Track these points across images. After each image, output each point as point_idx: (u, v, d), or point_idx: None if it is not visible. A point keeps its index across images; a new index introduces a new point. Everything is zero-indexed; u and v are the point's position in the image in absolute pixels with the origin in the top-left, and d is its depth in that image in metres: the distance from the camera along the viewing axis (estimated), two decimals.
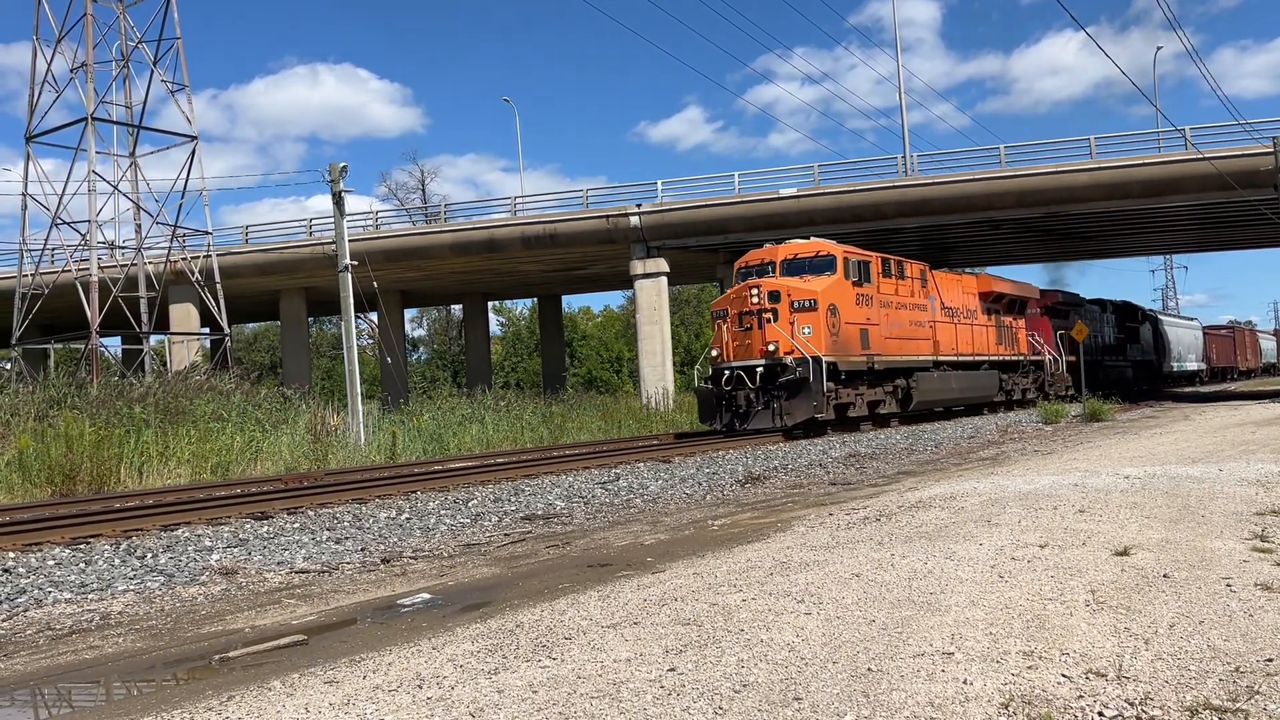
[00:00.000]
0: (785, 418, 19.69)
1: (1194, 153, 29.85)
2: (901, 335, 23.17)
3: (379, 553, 8.04)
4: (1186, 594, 4.80)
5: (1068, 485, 9.23)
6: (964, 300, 27.32)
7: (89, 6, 35.03)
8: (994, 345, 28.77)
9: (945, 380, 25.13)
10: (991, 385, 28.19)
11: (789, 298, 20.32)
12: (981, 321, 28.24)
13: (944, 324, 25.50)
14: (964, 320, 27.02)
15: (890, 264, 23.33)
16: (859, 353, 21.24)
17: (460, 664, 4.23)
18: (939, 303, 25.34)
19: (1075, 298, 37.29)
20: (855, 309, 21.35)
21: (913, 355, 23.64)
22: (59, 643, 5.45)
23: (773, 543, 7.11)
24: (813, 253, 21.57)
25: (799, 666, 3.89)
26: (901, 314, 23.33)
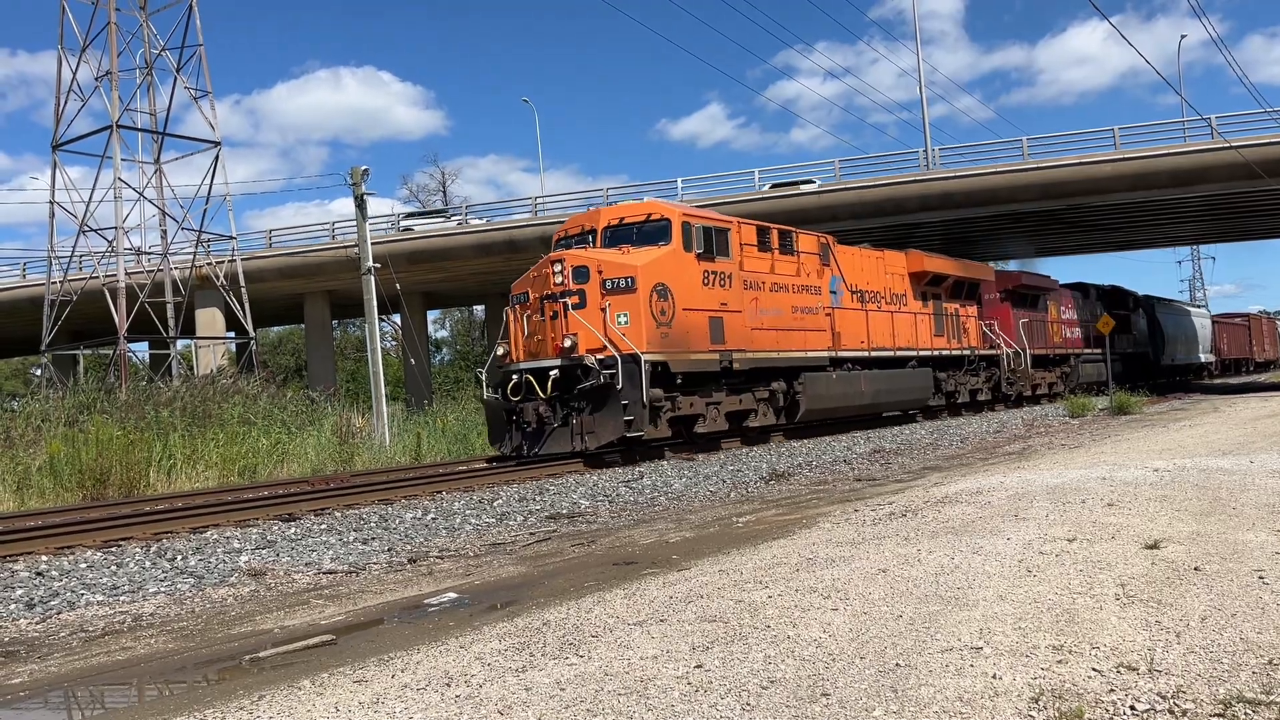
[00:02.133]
0: (586, 438, 14.64)
1: (1220, 141, 29.52)
2: (781, 325, 18.03)
3: (405, 553, 8.08)
4: (1218, 587, 4.75)
5: (1096, 479, 9.16)
6: (886, 282, 22.41)
7: (113, 15, 35.40)
8: (929, 337, 23.91)
9: (850, 382, 20.10)
10: (922, 386, 23.12)
11: (600, 275, 15.14)
12: (912, 308, 23.33)
13: (851, 311, 20.56)
14: (886, 307, 22.21)
15: (767, 234, 18.21)
16: (706, 348, 16.05)
17: (488, 662, 4.25)
18: (845, 285, 20.51)
19: (1045, 280, 32.76)
20: (701, 291, 16.11)
21: (799, 350, 18.43)
22: (92, 644, 5.51)
23: (798, 539, 7.09)
24: (642, 216, 16.33)
25: (826, 662, 3.88)
26: (781, 298, 18.09)
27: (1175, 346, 44.55)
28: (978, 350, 26.54)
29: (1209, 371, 53.50)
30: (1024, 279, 30.65)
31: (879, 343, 21.52)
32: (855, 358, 20.49)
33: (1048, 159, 32.05)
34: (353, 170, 22.90)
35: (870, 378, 20.80)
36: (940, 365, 24.33)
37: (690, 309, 15.88)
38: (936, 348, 24.18)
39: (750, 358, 17.12)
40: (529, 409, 14.98)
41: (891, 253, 23.18)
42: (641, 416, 14.64)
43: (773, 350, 17.73)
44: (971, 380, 26.10)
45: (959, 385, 25.44)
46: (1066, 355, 32.70)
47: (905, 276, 23.29)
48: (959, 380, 25.42)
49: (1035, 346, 29.58)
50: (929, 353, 23.73)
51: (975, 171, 32.64)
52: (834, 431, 20.00)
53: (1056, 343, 31.93)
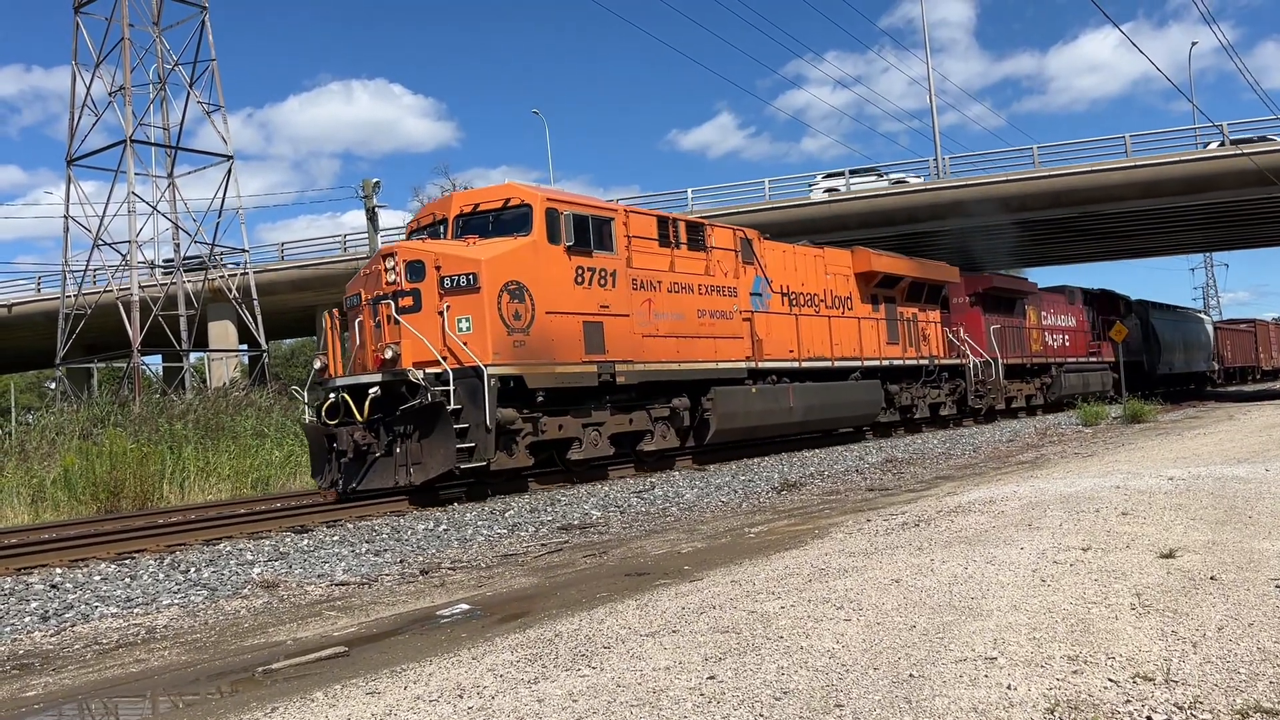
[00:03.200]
0: (413, 470, 12.12)
1: (1232, 148, 29.43)
2: (684, 332, 15.57)
3: (417, 564, 8.09)
4: (1234, 596, 4.72)
5: (1110, 487, 9.11)
6: (826, 284, 19.96)
7: (126, 31, 35.69)
8: (880, 345, 21.47)
9: (774, 397, 17.55)
10: (869, 400, 20.57)
11: (438, 272, 12.67)
12: (859, 313, 20.84)
13: (778, 316, 18.07)
14: (827, 311, 19.76)
15: (669, 226, 15.82)
16: (579, 359, 13.66)
17: (500, 674, 4.24)
18: (772, 286, 18.10)
19: (1022, 283, 30.71)
20: (572, 291, 13.70)
21: (707, 361, 15.96)
22: (106, 657, 5.53)
23: (811, 549, 7.07)
24: (498, 202, 13.77)
25: (840, 673, 3.87)
26: (683, 300, 15.70)
27: (1173, 354, 41.66)
28: (940, 359, 23.98)
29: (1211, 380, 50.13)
30: (995, 281, 27.97)
31: (815, 351, 19.05)
32: (782, 369, 17.92)
33: (1059, 167, 32.01)
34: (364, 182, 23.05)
35: (802, 391, 18.18)
36: (893, 376, 21.91)
37: (556, 312, 13.37)
38: (888, 357, 21.64)
39: (640, 370, 14.62)
40: (344, 435, 12.46)
41: (834, 250, 20.79)
42: (485, 442, 12.14)
43: (672, 361, 15.26)
44: (932, 393, 23.56)
45: (916, 399, 22.90)
46: (1047, 364, 30.18)
47: (851, 277, 20.83)
48: (916, 393, 22.86)
49: (1010, 355, 27.25)
50: (877, 362, 21.08)
51: (986, 180, 32.62)
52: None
53: (1035, 350, 29.65)
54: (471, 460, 12.14)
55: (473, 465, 12.21)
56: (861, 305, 21.00)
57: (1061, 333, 31.85)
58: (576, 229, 13.78)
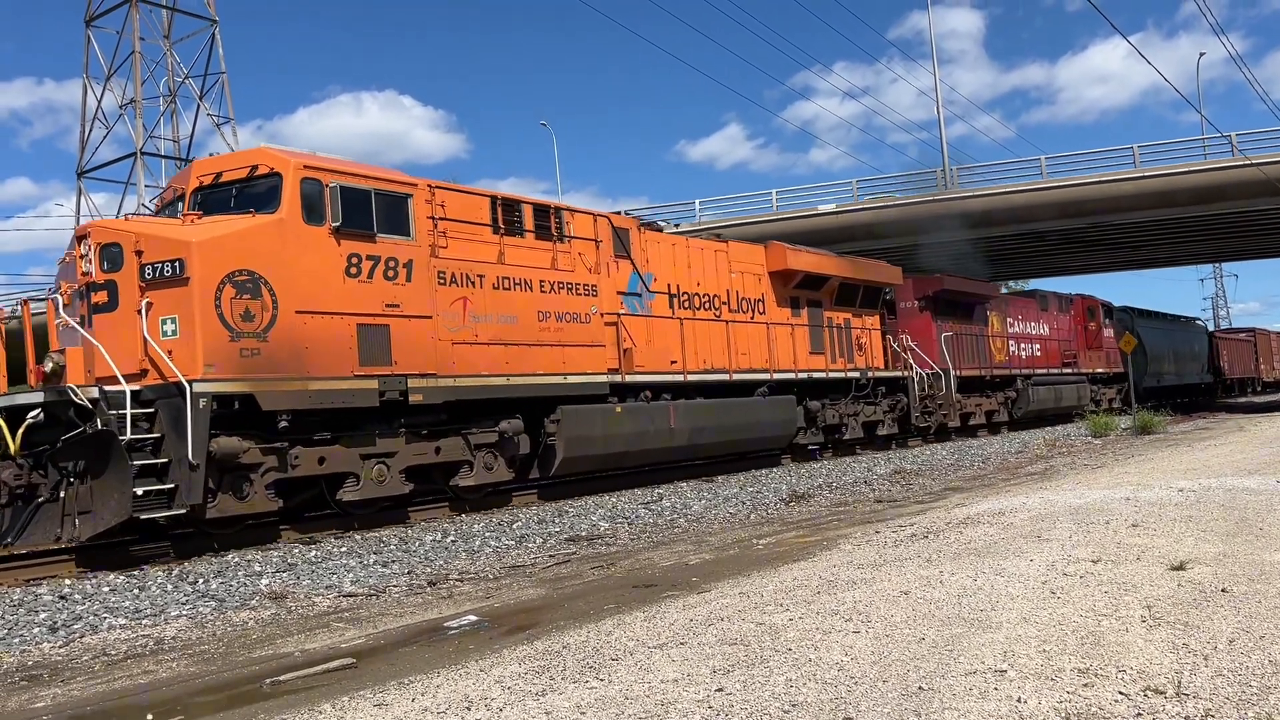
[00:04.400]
0: (79, 520, 9.10)
1: (1241, 159, 29.37)
2: (518, 338, 12.73)
3: (425, 575, 8.09)
4: (1246, 608, 4.69)
5: (1119, 499, 9.07)
6: (730, 283, 17.16)
7: (137, 44, 35.99)
8: (799, 355, 18.45)
9: (647, 417, 14.71)
10: (781, 419, 17.60)
11: (139, 259, 9.88)
12: (773, 317, 18.01)
13: (659, 320, 15.35)
14: (730, 315, 16.92)
15: (503, 209, 12.96)
16: (350, 372, 10.76)
17: (508, 686, 4.24)
18: (652, 284, 15.44)
19: (983, 286, 27.22)
20: (341, 285, 10.75)
21: (550, 374, 13.18)
22: (114, 668, 5.53)
23: (819, 561, 7.05)
24: (245, 169, 10.98)
25: (849, 686, 3.85)
26: (517, 300, 12.81)
27: (1161, 365, 38.46)
28: (879, 371, 21.00)
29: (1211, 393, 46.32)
30: (947, 283, 24.72)
31: (712, 362, 16.29)
32: (661, 383, 15.17)
33: (1067, 177, 31.99)
34: None
35: (688, 410, 15.42)
36: (816, 391, 18.98)
37: (314, 312, 10.51)
38: (810, 369, 18.70)
39: (448, 386, 11.72)
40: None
41: (741, 245, 18.24)
42: (191, 482, 9.36)
43: (497, 374, 12.39)
44: (866, 410, 20.58)
45: (846, 416, 19.86)
46: (1011, 377, 27.27)
47: (764, 277, 18.02)
48: (846, 410, 19.84)
49: (966, 366, 24.54)
50: (792, 375, 18.07)
51: (993, 190, 32.59)
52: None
53: (999, 361, 26.71)
54: (173, 506, 9.34)
55: (169, 514, 9.40)
56: (778, 309, 18.22)
57: (1031, 341, 29.00)
58: (348, 206, 10.84)
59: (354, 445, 10.99)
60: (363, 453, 11.06)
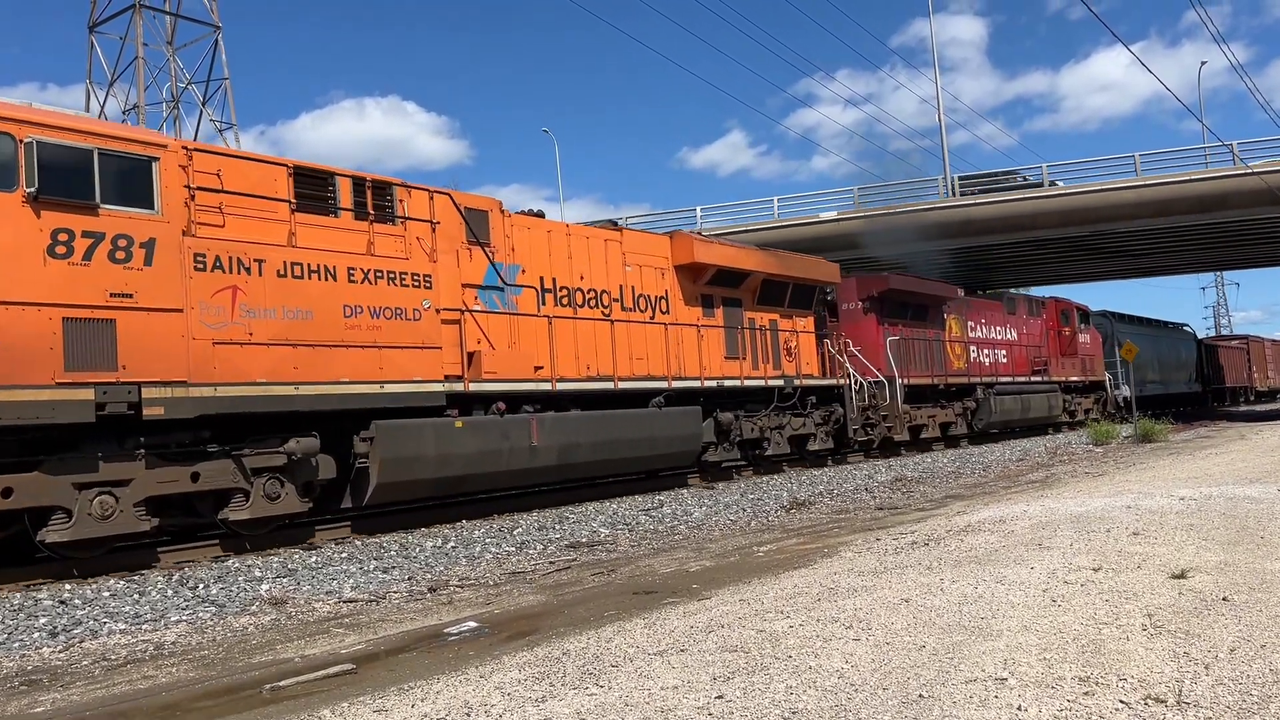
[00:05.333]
0: None
1: (1242, 168, 29.39)
2: (312, 338, 10.55)
3: (426, 581, 8.08)
4: (1247, 617, 4.69)
5: (1120, 507, 9.07)
6: (624, 278, 15.22)
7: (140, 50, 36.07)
8: (710, 360, 16.42)
9: (498, 433, 12.40)
10: (682, 433, 15.37)
11: None
12: (680, 317, 16.07)
13: (524, 319, 13.32)
14: (623, 313, 15.03)
15: (309, 180, 10.98)
16: (48, 378, 8.63)
17: (508, 692, 4.23)
18: (518, 277, 13.39)
19: (939, 287, 25.04)
20: (39, 268, 8.70)
21: (361, 381, 10.97)
22: (114, 673, 5.53)
23: (820, 568, 7.05)
24: None
25: (849, 693, 3.85)
26: (312, 290, 10.60)
27: (1145, 373, 36.15)
28: (812, 379, 18.75)
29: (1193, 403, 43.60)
30: (894, 283, 22.58)
31: (597, 368, 14.29)
32: (521, 392, 12.92)
33: (1068, 186, 32.00)
34: None
35: (558, 425, 13.20)
36: (730, 401, 16.84)
37: None
38: (723, 375, 16.64)
39: (203, 397, 9.61)
40: None
41: (639, 235, 16.33)
42: None
43: (282, 381, 10.16)
44: (794, 422, 18.25)
45: (767, 430, 17.56)
46: (971, 386, 25.09)
47: (668, 271, 16.07)
48: (767, 423, 17.55)
49: (917, 373, 22.49)
50: (697, 383, 15.96)
51: (995, 199, 32.60)
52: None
53: (957, 368, 24.62)
54: None
55: None
56: (686, 308, 16.26)
57: (996, 347, 26.93)
58: (55, 167, 8.82)
59: (62, 471, 8.78)
60: (78, 480, 8.86)
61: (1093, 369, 32.74)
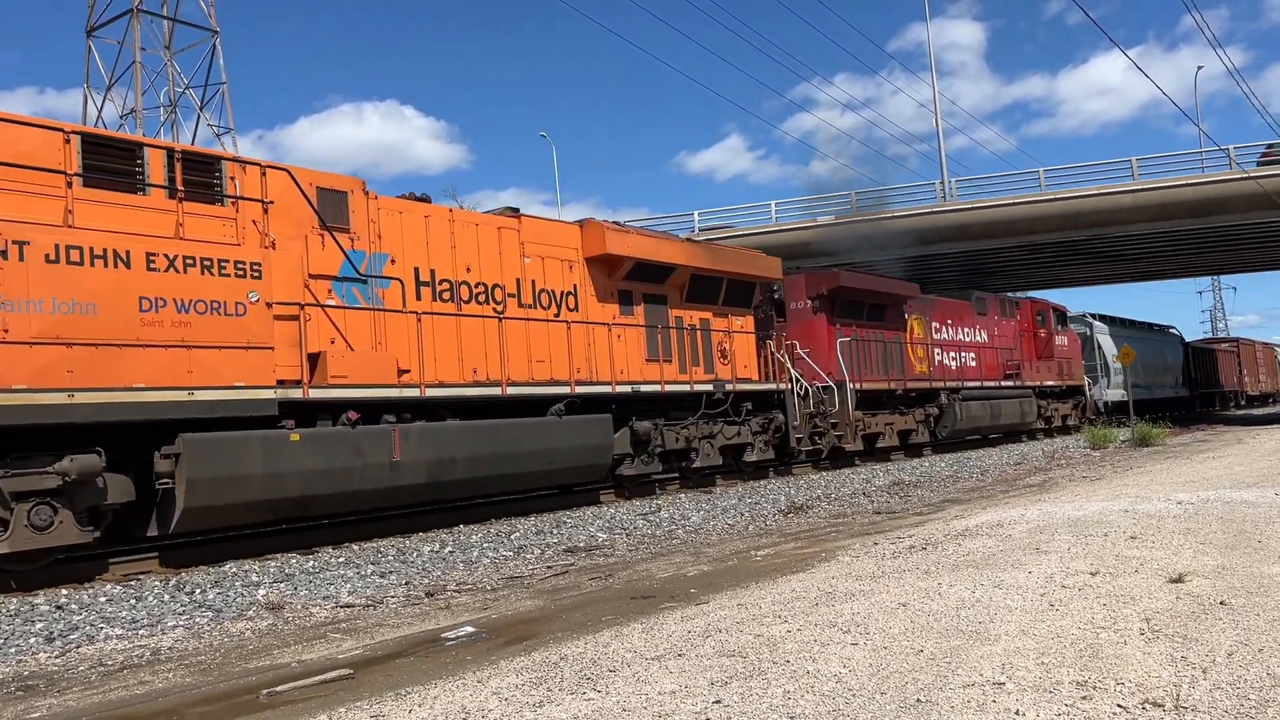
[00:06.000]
0: None
1: (1239, 172, 29.45)
2: (94, 336, 8.93)
3: (423, 586, 8.07)
4: (1245, 621, 4.69)
5: (1118, 511, 9.07)
6: (519, 270, 13.54)
7: (138, 55, 36.08)
8: (626, 362, 14.87)
9: (348, 448, 10.74)
10: (584, 445, 13.64)
11: None
12: (592, 315, 14.53)
13: (392, 316, 11.74)
14: (520, 310, 13.41)
15: (78, 146, 9.32)
16: None
17: (505, 697, 4.23)
18: (372, 266, 11.68)
19: (898, 285, 23.28)
20: None
21: (166, 388, 9.32)
22: (110, 678, 5.52)
23: (817, 573, 7.04)
24: None
25: (846, 698, 3.85)
26: (95, 280, 8.98)
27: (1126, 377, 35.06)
28: (742, 383, 17.01)
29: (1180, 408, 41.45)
30: (844, 280, 20.81)
31: (486, 372, 12.68)
32: (383, 400, 11.22)
33: (1066, 190, 32.05)
34: None
35: (425, 437, 11.46)
36: (654, 408, 15.29)
37: None
38: (645, 379, 15.11)
39: None
40: None
41: (541, 223, 14.46)
42: None
43: (52, 388, 8.56)
44: (728, 431, 16.61)
45: (695, 440, 15.87)
46: (934, 391, 23.35)
47: (578, 264, 14.49)
48: (695, 431, 15.90)
49: (872, 377, 20.91)
50: (608, 388, 14.30)
51: (992, 203, 32.65)
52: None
53: (919, 372, 23.06)
54: None
55: None
56: (600, 305, 14.74)
57: (964, 350, 25.32)
58: None
59: None
60: None
61: (1070, 373, 31.38)
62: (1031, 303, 30.41)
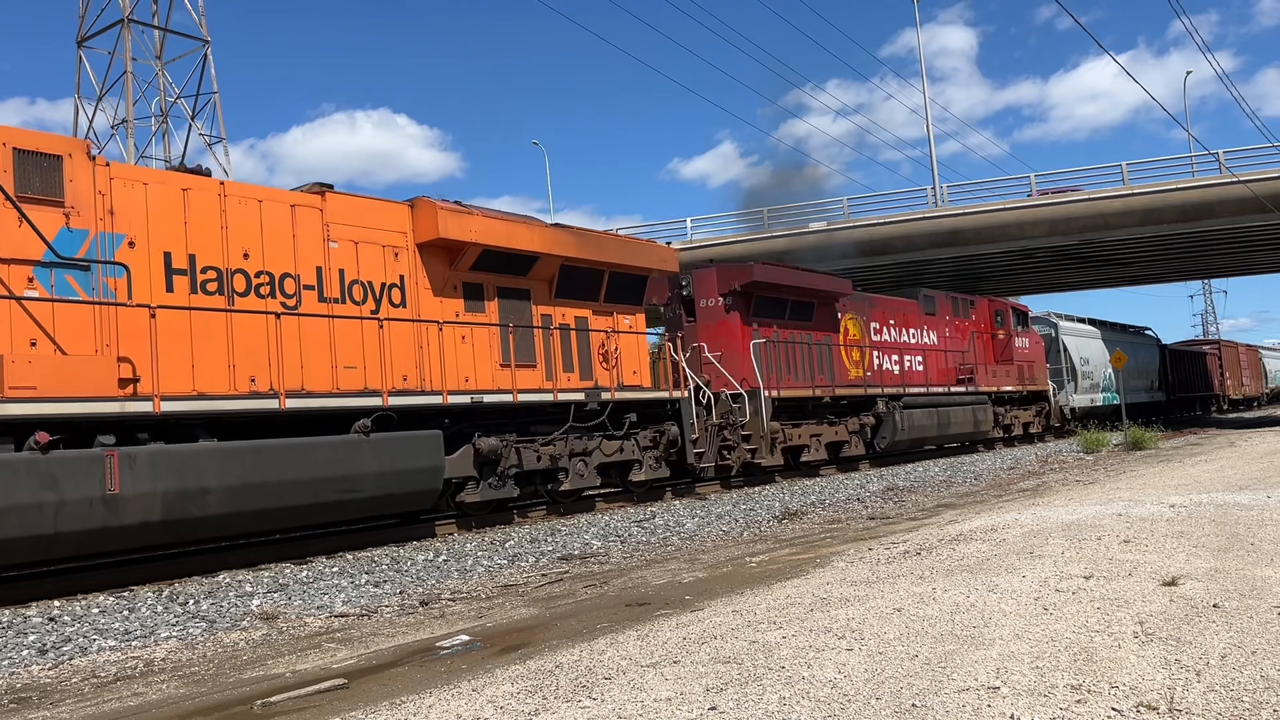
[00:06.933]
0: None
1: (1229, 176, 29.59)
2: None
3: (417, 595, 8.05)
4: (1238, 624, 4.70)
5: (1111, 515, 9.09)
6: (321, 257, 11.41)
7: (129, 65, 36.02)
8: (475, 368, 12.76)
9: (33, 482, 8.34)
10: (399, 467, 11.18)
11: None
12: (424, 311, 12.40)
13: (130, 314, 9.63)
14: (328, 306, 11.40)
15: None
16: None
17: (500, 705, 4.22)
18: (97, 248, 9.62)
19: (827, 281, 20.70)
20: None
21: None
22: (104, 690, 5.49)
23: (812, 579, 7.05)
24: None
25: (842, 703, 3.85)
26: None
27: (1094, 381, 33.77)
28: (624, 391, 14.83)
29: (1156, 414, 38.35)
30: (760, 274, 18.68)
31: (269, 381, 10.49)
32: (93, 417, 8.97)
33: (1056, 194, 32.16)
34: None
35: (162, 464, 9.23)
36: (508, 422, 13.08)
37: None
38: (499, 387, 12.89)
39: None
40: None
41: (356, 200, 12.07)
42: None
43: None
44: (606, 447, 14.43)
45: (564, 457, 13.69)
46: (870, 398, 21.09)
47: (407, 251, 12.28)
48: (565, 448, 13.68)
49: (793, 383, 18.78)
50: (438, 399, 11.95)
51: (983, 208, 32.76)
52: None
53: (854, 377, 20.96)
54: None
55: None
56: (438, 300, 12.57)
57: (909, 353, 23.36)
58: None
59: None
60: None
61: (1032, 376, 29.10)
62: (989, 302, 28.57)
